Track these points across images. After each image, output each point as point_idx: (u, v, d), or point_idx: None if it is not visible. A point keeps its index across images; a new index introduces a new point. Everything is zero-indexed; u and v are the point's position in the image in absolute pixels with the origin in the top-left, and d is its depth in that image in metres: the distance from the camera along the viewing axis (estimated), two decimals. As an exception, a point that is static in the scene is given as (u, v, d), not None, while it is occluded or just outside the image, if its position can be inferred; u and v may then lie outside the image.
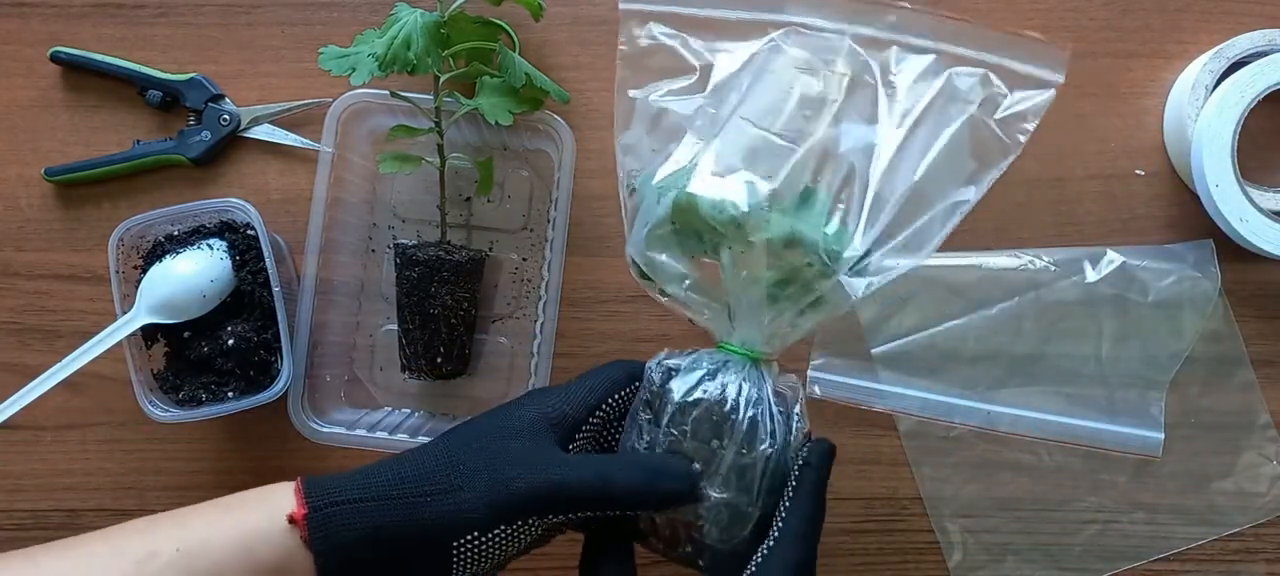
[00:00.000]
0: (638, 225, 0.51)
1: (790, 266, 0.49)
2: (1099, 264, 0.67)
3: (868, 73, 0.52)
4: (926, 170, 0.50)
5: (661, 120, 0.53)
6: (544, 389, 0.55)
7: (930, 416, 0.67)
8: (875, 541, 0.69)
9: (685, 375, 0.50)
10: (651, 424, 0.50)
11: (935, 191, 0.51)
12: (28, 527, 0.69)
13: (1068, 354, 0.67)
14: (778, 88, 0.51)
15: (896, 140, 0.51)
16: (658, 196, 0.50)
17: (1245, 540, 0.68)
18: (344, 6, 0.70)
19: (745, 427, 0.49)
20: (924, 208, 0.51)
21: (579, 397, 0.52)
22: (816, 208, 0.49)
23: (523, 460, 0.49)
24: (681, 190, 0.50)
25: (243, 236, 0.66)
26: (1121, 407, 0.67)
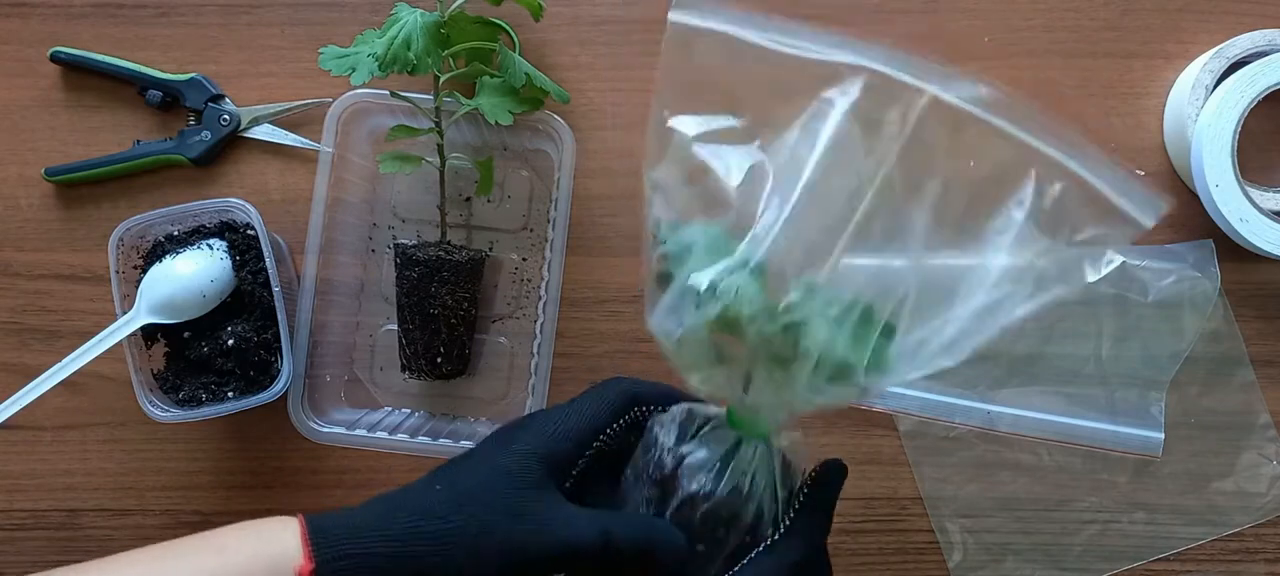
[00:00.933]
0: (669, 300, 0.45)
1: (826, 379, 0.45)
2: (1099, 263, 0.67)
3: (941, 152, 0.44)
4: (985, 281, 0.43)
5: (705, 174, 0.46)
6: (538, 415, 0.51)
7: (930, 416, 0.67)
8: (875, 541, 0.69)
9: (699, 466, 0.48)
10: (659, 502, 0.48)
11: (988, 304, 0.44)
12: (28, 527, 0.70)
13: (1068, 354, 0.67)
14: (841, 165, 0.44)
15: (964, 243, 0.44)
16: (697, 300, 0.44)
17: (1245, 540, 0.68)
18: (344, 6, 0.70)
19: (751, 519, 0.47)
20: (970, 322, 0.44)
21: (576, 430, 0.49)
22: (868, 329, 0.44)
23: (529, 514, 0.47)
24: (728, 311, 0.44)
25: (243, 236, 0.66)
26: (1121, 407, 0.67)
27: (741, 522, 0.47)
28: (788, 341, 0.43)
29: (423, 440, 0.65)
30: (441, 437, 0.66)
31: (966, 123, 0.42)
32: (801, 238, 0.43)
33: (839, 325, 0.43)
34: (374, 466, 0.69)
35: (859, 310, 0.43)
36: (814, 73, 0.44)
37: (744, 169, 0.45)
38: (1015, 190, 0.43)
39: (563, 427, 0.50)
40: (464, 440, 0.65)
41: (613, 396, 0.51)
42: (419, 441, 0.65)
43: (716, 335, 0.45)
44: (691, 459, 0.48)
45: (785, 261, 0.43)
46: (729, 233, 0.45)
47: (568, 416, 0.50)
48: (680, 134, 0.46)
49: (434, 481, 0.48)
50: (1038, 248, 0.43)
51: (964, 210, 0.44)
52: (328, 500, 0.68)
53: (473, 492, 0.47)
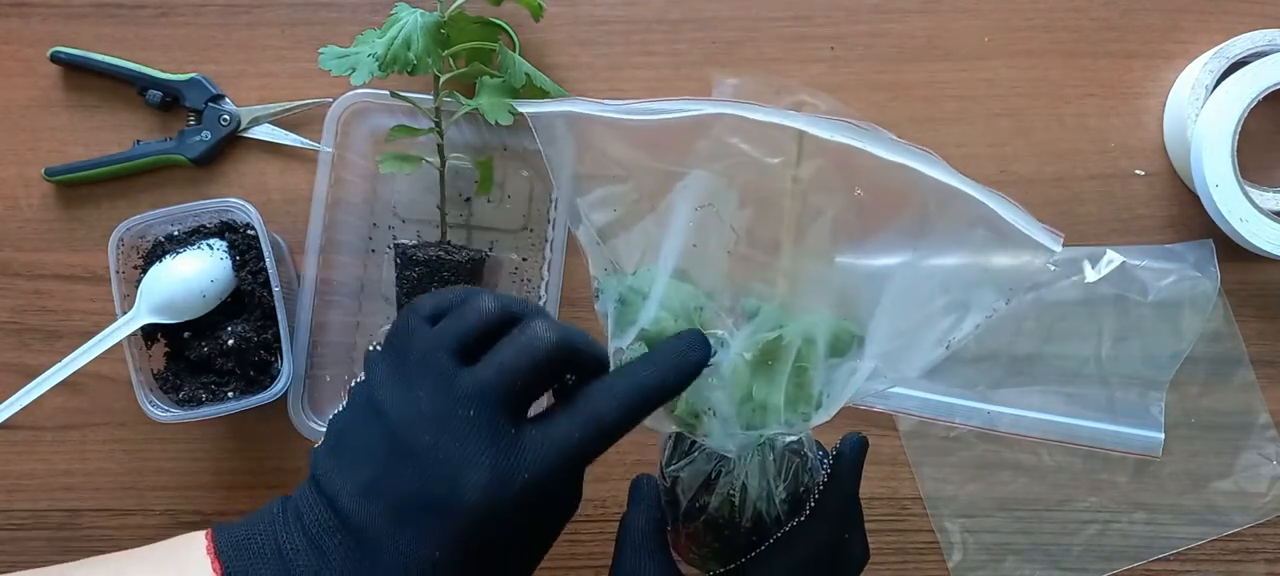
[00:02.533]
0: (612, 343, 0.48)
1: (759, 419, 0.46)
2: (1099, 264, 0.67)
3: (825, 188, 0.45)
4: (917, 325, 0.44)
5: (611, 236, 0.48)
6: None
7: (930, 416, 0.67)
8: (875, 541, 0.69)
9: (690, 484, 0.49)
10: (672, 514, 0.50)
11: (925, 336, 0.45)
12: (28, 527, 0.70)
13: (1068, 354, 0.67)
14: (716, 221, 0.46)
15: (899, 280, 0.44)
16: (632, 338, 0.47)
17: (1245, 540, 0.68)
18: (344, 6, 0.70)
19: (750, 521, 0.48)
20: (912, 346, 0.45)
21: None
22: (783, 367, 0.45)
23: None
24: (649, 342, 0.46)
25: (243, 236, 0.66)
26: (1121, 408, 0.67)
27: (743, 525, 0.48)
28: (698, 410, 0.46)
29: (423, 440, 0.65)
30: (441, 437, 0.66)
31: (840, 153, 0.42)
32: (698, 294, 0.46)
33: (755, 369, 0.45)
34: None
35: (762, 349, 0.45)
36: (686, 129, 0.45)
37: (638, 249, 0.47)
38: (902, 210, 0.44)
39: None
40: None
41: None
42: (419, 441, 0.65)
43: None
44: (683, 478, 0.49)
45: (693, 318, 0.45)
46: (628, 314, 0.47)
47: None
48: (584, 209, 0.48)
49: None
50: (938, 259, 0.43)
51: (859, 232, 0.45)
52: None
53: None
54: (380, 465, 0.43)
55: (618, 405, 0.44)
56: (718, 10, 0.70)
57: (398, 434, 0.43)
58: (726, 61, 0.70)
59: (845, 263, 0.45)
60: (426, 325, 0.45)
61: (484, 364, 0.44)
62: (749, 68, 0.69)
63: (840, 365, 0.45)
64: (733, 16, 0.70)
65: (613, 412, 0.44)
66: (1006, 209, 0.42)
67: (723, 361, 0.45)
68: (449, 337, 0.44)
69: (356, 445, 0.44)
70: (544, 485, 0.43)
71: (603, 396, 0.44)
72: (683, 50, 0.70)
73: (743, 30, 0.70)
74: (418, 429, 0.43)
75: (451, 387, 0.43)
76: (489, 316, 0.45)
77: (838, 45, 0.69)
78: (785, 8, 0.70)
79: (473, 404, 0.43)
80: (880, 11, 0.69)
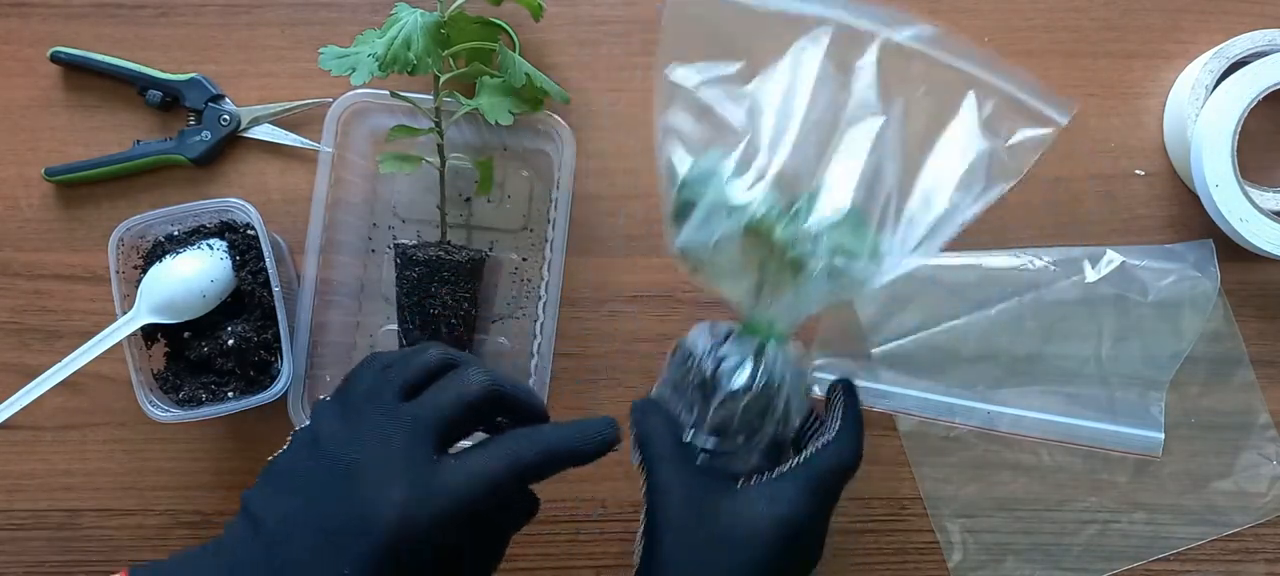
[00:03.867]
0: (695, 223, 0.53)
1: (831, 282, 0.53)
2: (1099, 264, 0.67)
3: (899, 82, 0.54)
4: (947, 184, 0.54)
5: (710, 113, 0.54)
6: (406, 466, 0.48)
7: (930, 416, 0.67)
8: (875, 541, 0.69)
9: (734, 363, 0.54)
10: (702, 404, 0.54)
11: (951, 203, 0.54)
12: (28, 527, 0.70)
13: (1068, 354, 0.67)
14: (824, 97, 0.54)
15: (926, 153, 0.54)
16: (728, 211, 0.53)
17: (1245, 540, 0.68)
18: (344, 6, 0.70)
19: (781, 410, 0.54)
20: (941, 217, 0.54)
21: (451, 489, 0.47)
22: (864, 225, 0.53)
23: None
24: (756, 216, 0.52)
25: (243, 236, 0.66)
26: (1121, 408, 0.67)
27: (775, 413, 0.54)
28: (802, 240, 0.52)
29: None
30: (441, 437, 0.66)
31: (915, 58, 0.54)
32: (801, 157, 0.53)
33: (838, 226, 0.52)
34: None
35: (852, 212, 0.53)
36: (789, 23, 0.54)
37: (744, 106, 0.54)
38: (959, 106, 0.54)
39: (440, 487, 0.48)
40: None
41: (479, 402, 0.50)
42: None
43: (745, 240, 0.52)
44: (728, 360, 0.54)
45: (791, 178, 0.53)
46: (741, 159, 0.53)
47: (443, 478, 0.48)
48: (685, 83, 0.54)
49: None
50: (981, 149, 0.54)
51: (923, 126, 0.54)
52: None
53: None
54: (309, 490, 0.47)
55: (535, 449, 0.49)
56: (718, 10, 0.70)
57: (328, 457, 0.47)
58: (726, 61, 0.70)
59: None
60: (376, 373, 0.51)
61: (417, 400, 0.49)
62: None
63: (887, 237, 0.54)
64: (733, 16, 0.70)
65: (529, 454, 0.48)
66: (1023, 90, 0.54)
67: (810, 220, 0.52)
68: (392, 378, 0.50)
69: (290, 477, 0.48)
70: (461, 509, 0.46)
71: (524, 439, 0.49)
72: (683, 50, 0.70)
73: (743, 30, 0.70)
74: (346, 450, 0.47)
75: (385, 417, 0.48)
76: (432, 363, 0.51)
77: (838, 45, 0.69)
78: (785, 8, 0.70)
79: (401, 431, 0.47)
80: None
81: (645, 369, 0.69)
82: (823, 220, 0.52)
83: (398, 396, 0.49)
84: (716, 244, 0.53)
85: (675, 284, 0.69)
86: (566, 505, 0.69)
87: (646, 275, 0.69)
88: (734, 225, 0.53)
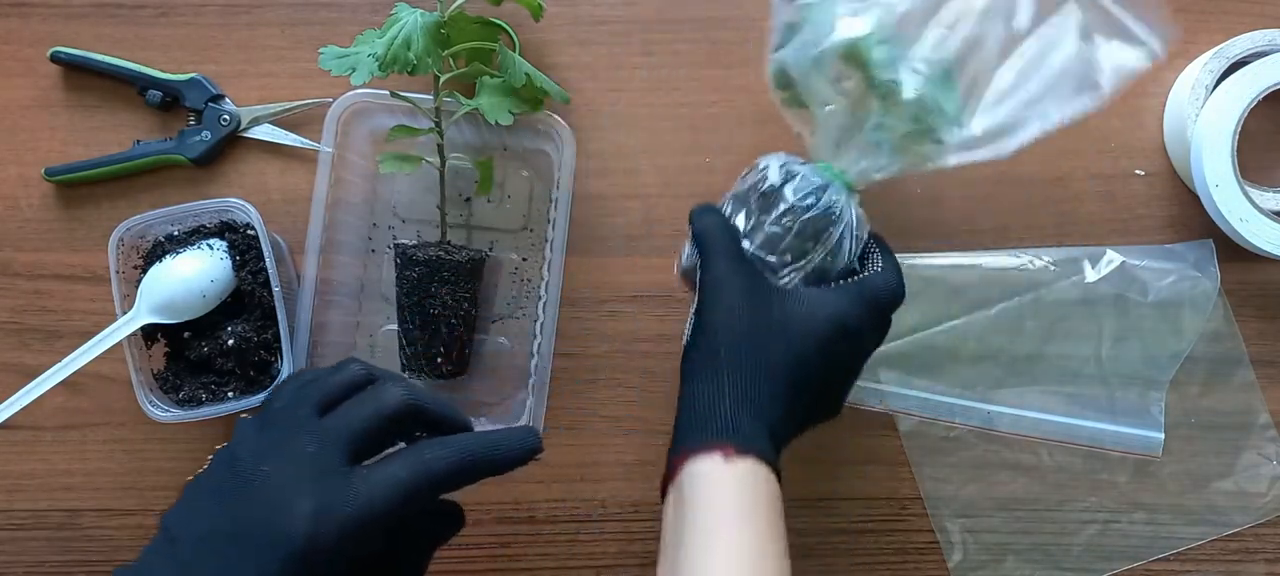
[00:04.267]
0: (801, 42, 0.56)
1: (914, 126, 0.56)
2: (1099, 264, 0.67)
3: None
4: (1037, 83, 0.56)
5: None
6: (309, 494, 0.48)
7: (930, 416, 0.67)
8: (875, 541, 0.69)
9: (802, 183, 0.56)
10: (761, 213, 0.56)
11: (1034, 103, 0.56)
12: (28, 527, 0.70)
13: (1068, 354, 0.67)
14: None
15: (1022, 45, 0.56)
16: (832, 30, 0.55)
17: (1245, 540, 0.68)
18: (344, 6, 0.70)
19: (834, 241, 0.56)
20: (1020, 112, 0.56)
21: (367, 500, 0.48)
22: (954, 87, 0.56)
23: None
24: (857, 37, 0.55)
25: (243, 236, 0.66)
26: (1122, 408, 0.67)
27: (829, 242, 0.56)
28: (897, 67, 0.54)
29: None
30: (441, 437, 0.66)
31: None
32: (915, 3, 0.55)
33: (931, 76, 0.55)
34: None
35: (946, 68, 0.55)
36: None
37: None
38: (1068, 7, 0.57)
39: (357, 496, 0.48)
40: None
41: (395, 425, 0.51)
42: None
43: (842, 64, 0.55)
44: (798, 178, 0.56)
45: (901, 18, 0.55)
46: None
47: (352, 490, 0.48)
48: None
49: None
50: (1071, 54, 0.56)
51: (1029, 13, 0.56)
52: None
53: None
54: (222, 506, 0.48)
55: (447, 457, 0.49)
56: (718, 10, 0.70)
57: (242, 473, 0.48)
58: (726, 62, 0.70)
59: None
60: (296, 390, 0.51)
61: (332, 414, 0.50)
62: (750, 68, 0.69)
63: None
64: (733, 16, 0.70)
65: (441, 462, 0.49)
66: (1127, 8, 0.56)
67: (909, 54, 0.55)
68: (311, 393, 0.51)
69: (206, 494, 0.49)
70: (372, 519, 0.47)
71: (437, 448, 0.50)
72: (683, 50, 0.70)
73: (743, 30, 0.70)
74: (259, 465, 0.48)
75: (299, 431, 0.49)
76: (352, 378, 0.52)
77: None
78: (785, 8, 0.70)
79: (313, 443, 0.48)
80: (880, 11, 0.69)
81: (645, 369, 0.69)
82: (920, 61, 0.54)
83: (315, 412, 0.50)
84: (815, 60, 0.55)
85: (675, 283, 0.69)
86: (566, 505, 0.69)
87: (646, 275, 0.69)
88: (835, 45, 0.55)
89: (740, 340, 0.52)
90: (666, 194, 0.69)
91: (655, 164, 0.69)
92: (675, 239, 0.69)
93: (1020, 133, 0.56)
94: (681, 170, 0.69)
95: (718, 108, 0.69)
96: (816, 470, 0.69)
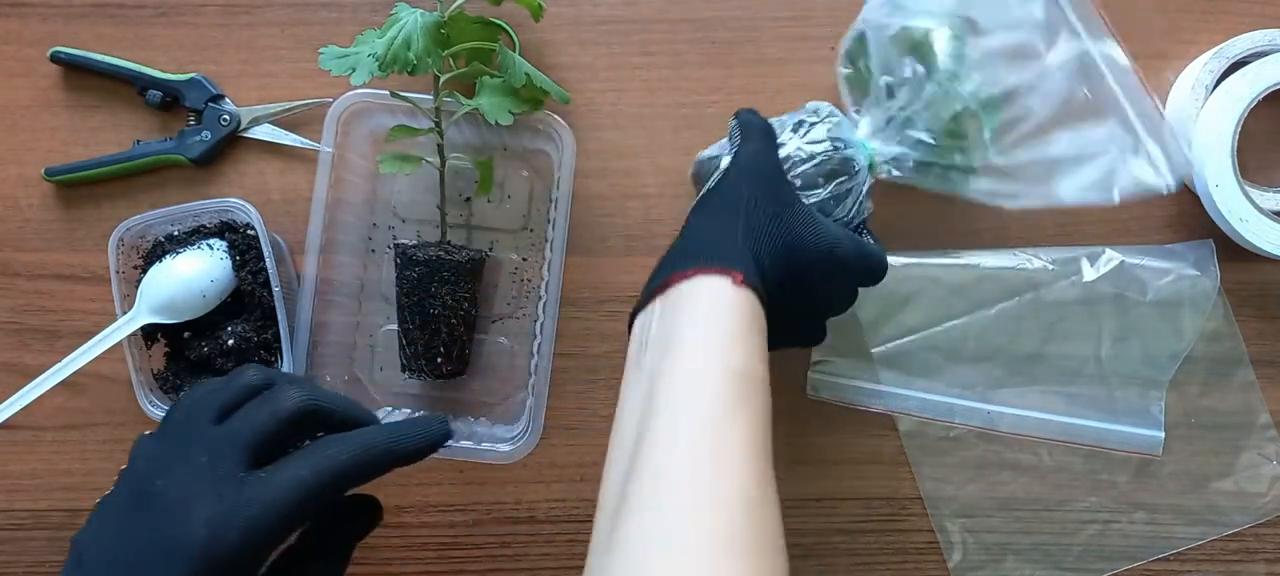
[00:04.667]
0: (891, 5, 0.61)
1: (948, 138, 0.60)
2: (1098, 262, 0.67)
3: (1095, 78, 0.61)
4: (1062, 167, 0.60)
5: None
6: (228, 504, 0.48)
7: (930, 416, 0.67)
8: (875, 541, 0.69)
9: (839, 128, 0.61)
10: (794, 131, 0.60)
11: (1051, 179, 0.60)
12: (28, 527, 0.70)
13: (1068, 354, 0.67)
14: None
15: (1057, 132, 0.60)
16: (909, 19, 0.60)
17: (1245, 540, 0.68)
18: (344, 6, 0.70)
19: (842, 192, 0.60)
20: (1038, 183, 0.60)
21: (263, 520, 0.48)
22: (995, 117, 0.60)
23: None
24: (931, 30, 0.60)
25: (243, 236, 0.66)
26: (1122, 407, 0.67)
27: (839, 189, 0.60)
28: (955, 74, 0.59)
29: (423, 440, 0.65)
30: (441, 437, 0.66)
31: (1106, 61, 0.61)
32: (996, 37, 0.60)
33: (985, 99, 0.59)
34: (374, 466, 0.69)
35: (996, 100, 0.59)
36: None
37: None
38: (1100, 124, 0.60)
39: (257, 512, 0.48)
40: (464, 440, 0.65)
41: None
42: (419, 441, 0.65)
43: (911, 47, 0.60)
44: (832, 122, 0.61)
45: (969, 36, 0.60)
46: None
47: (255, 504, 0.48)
48: None
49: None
50: (1099, 167, 0.60)
51: (1076, 106, 0.60)
52: (328, 500, 0.68)
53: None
54: (125, 522, 0.48)
55: (347, 452, 0.49)
56: (718, 10, 0.70)
57: (141, 488, 0.48)
58: (727, 62, 0.70)
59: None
60: (194, 401, 0.52)
61: (229, 421, 0.50)
62: (749, 68, 0.69)
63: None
64: (733, 16, 0.70)
65: (343, 456, 0.49)
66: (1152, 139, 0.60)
67: (972, 65, 0.60)
68: (209, 402, 0.51)
69: (111, 512, 0.49)
70: (274, 521, 0.47)
71: (337, 444, 0.50)
72: (683, 50, 0.70)
73: (743, 30, 0.70)
74: (155, 475, 0.48)
75: (196, 440, 0.49)
76: (248, 383, 0.52)
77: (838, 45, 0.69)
78: (785, 8, 0.70)
79: (208, 452, 0.48)
80: (880, 11, 0.69)
81: (645, 369, 0.69)
82: (980, 80, 0.59)
83: (213, 420, 0.50)
84: (892, 36, 0.60)
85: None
86: (566, 505, 0.69)
87: (646, 275, 0.69)
88: (911, 30, 0.60)
89: (764, 198, 0.54)
90: (666, 194, 0.69)
91: (655, 164, 0.69)
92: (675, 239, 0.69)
93: (1028, 197, 0.60)
94: (681, 170, 0.69)
95: (718, 108, 0.69)
96: (816, 470, 0.69)
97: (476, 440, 0.65)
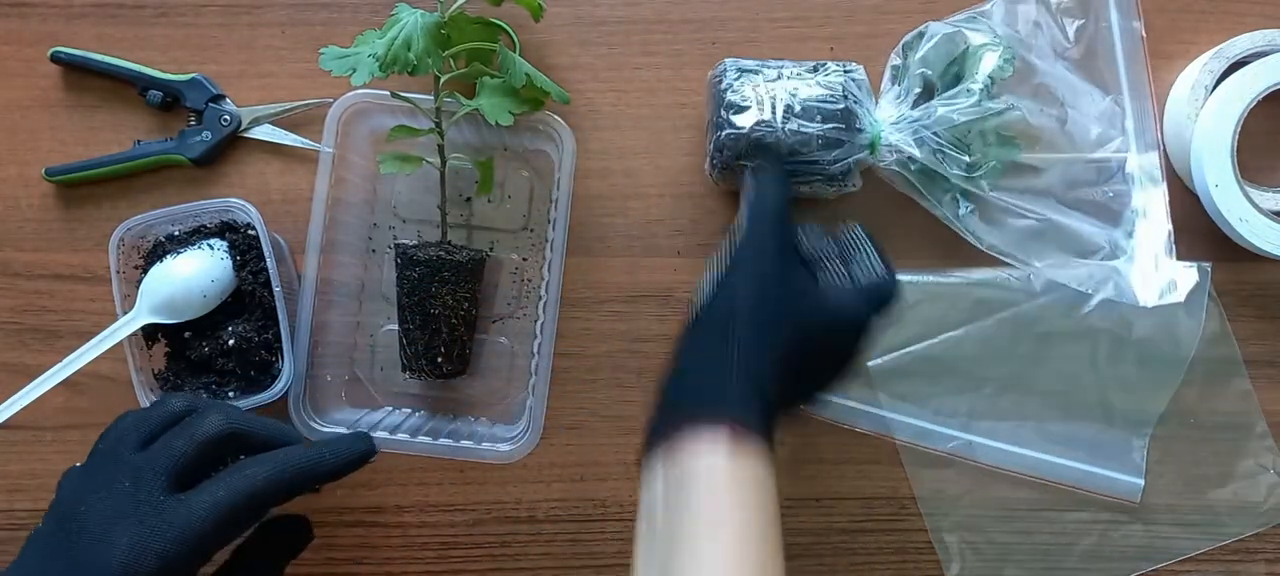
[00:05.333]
0: (952, 22, 0.65)
1: (963, 148, 0.63)
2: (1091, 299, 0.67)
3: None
4: (1066, 255, 0.66)
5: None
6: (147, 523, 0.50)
7: (915, 442, 0.67)
8: (875, 541, 0.69)
9: (856, 86, 0.63)
10: (814, 72, 0.63)
11: (1049, 253, 0.66)
12: (28, 527, 0.69)
13: (1056, 388, 0.68)
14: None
15: (1070, 216, 0.66)
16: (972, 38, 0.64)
17: (1245, 541, 0.68)
18: (344, 6, 0.70)
19: (832, 139, 0.62)
20: (1014, 247, 0.66)
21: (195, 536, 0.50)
22: (1015, 153, 0.65)
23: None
24: (993, 45, 0.64)
25: (243, 236, 0.66)
26: (1106, 450, 0.67)
27: (832, 132, 0.62)
28: (991, 83, 0.63)
29: (423, 440, 0.65)
30: (442, 437, 0.66)
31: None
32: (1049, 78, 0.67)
33: (1008, 133, 0.65)
34: (374, 466, 0.69)
35: (1016, 146, 0.66)
36: None
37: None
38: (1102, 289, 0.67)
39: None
40: (464, 440, 0.65)
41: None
42: (420, 441, 0.65)
43: (958, 61, 0.64)
44: (859, 83, 0.64)
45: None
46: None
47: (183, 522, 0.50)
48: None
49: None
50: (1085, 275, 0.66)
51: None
52: (327, 499, 0.68)
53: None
54: (50, 554, 0.49)
55: (266, 473, 0.51)
56: (718, 10, 0.70)
57: (64, 518, 0.50)
58: (727, 62, 0.70)
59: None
60: (119, 431, 0.53)
61: (150, 447, 0.51)
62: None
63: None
64: (733, 16, 0.70)
65: (260, 479, 0.51)
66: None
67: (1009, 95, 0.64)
68: (133, 430, 0.52)
69: (37, 544, 0.50)
70: (193, 543, 0.49)
71: (256, 465, 0.52)
72: (683, 50, 0.70)
73: (743, 30, 0.70)
74: (79, 502, 0.50)
75: (119, 467, 0.50)
76: (172, 410, 0.54)
77: (837, 45, 0.69)
78: (785, 8, 0.70)
79: (129, 477, 0.50)
80: (880, 11, 0.69)
81: (645, 369, 0.69)
82: (1013, 111, 0.63)
83: (136, 447, 0.52)
84: (947, 35, 0.64)
85: (675, 283, 0.69)
86: (566, 505, 0.69)
87: (646, 275, 0.69)
88: (967, 37, 0.64)
89: (761, 315, 0.52)
90: (666, 194, 0.69)
91: (655, 164, 0.69)
92: (675, 239, 0.69)
93: (1010, 254, 0.65)
94: (681, 170, 0.69)
95: (718, 108, 0.69)
96: (816, 470, 0.69)
97: (476, 440, 0.66)
